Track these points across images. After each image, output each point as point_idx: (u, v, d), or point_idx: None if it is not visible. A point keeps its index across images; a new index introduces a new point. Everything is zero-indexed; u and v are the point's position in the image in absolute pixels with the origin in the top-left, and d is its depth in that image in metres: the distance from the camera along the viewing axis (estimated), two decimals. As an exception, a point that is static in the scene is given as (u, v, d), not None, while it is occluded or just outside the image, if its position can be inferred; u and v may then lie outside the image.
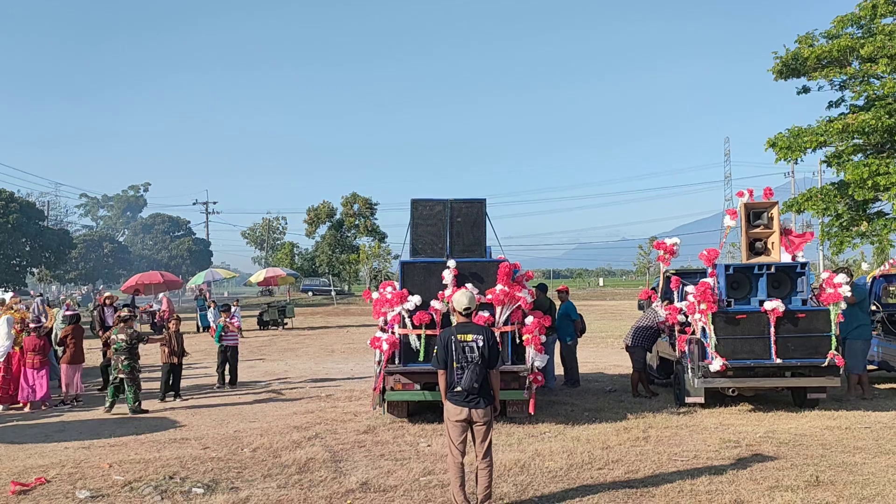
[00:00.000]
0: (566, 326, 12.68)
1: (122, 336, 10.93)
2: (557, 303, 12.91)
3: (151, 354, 15.71)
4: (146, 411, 10.93)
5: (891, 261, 13.11)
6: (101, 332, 13.90)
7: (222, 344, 13.37)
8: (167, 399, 11.90)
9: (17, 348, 11.65)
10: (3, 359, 11.40)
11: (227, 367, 13.55)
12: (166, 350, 12.09)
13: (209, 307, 26.02)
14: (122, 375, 10.82)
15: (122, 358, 10.83)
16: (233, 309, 25.25)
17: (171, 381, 12.10)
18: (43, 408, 11.47)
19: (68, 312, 12.91)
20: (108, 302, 14.85)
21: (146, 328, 25.20)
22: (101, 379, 13.18)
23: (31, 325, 11.81)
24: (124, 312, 11.69)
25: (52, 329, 13.30)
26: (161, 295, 27.94)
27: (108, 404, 10.98)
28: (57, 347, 12.86)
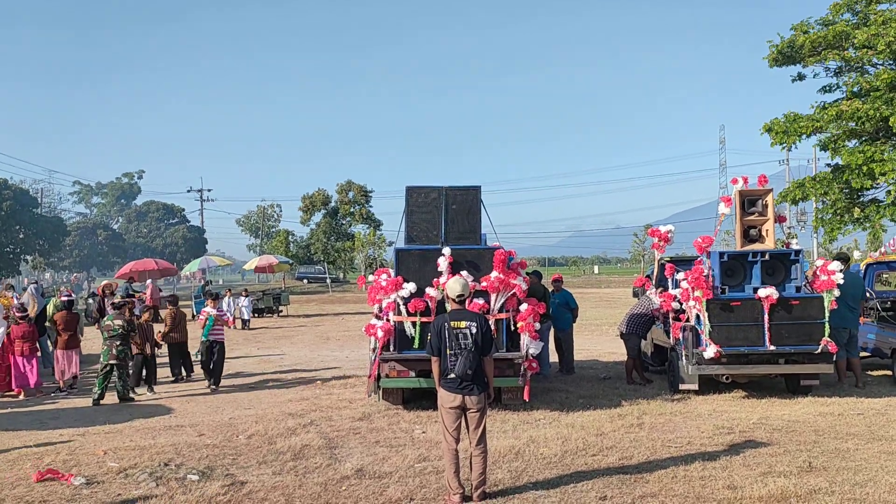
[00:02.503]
0: (564, 315, 12.69)
1: (118, 322, 10.86)
2: (551, 290, 12.89)
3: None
4: (133, 399, 10.93)
5: (882, 249, 13.12)
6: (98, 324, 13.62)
7: (209, 339, 11.80)
8: (138, 391, 11.57)
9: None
10: None
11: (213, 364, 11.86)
12: (136, 341, 11.84)
13: (224, 296, 24.66)
14: (113, 361, 10.68)
15: (117, 343, 10.78)
16: (242, 299, 24.43)
17: (142, 372, 11.92)
18: (38, 395, 11.45)
19: (64, 298, 12.85)
20: (107, 291, 14.38)
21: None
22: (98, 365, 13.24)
23: (17, 314, 11.72)
24: (118, 299, 11.62)
25: (44, 316, 13.22)
26: (148, 281, 27.60)
27: (96, 395, 10.62)
28: (48, 325, 12.79)
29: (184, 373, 12.97)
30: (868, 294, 12.31)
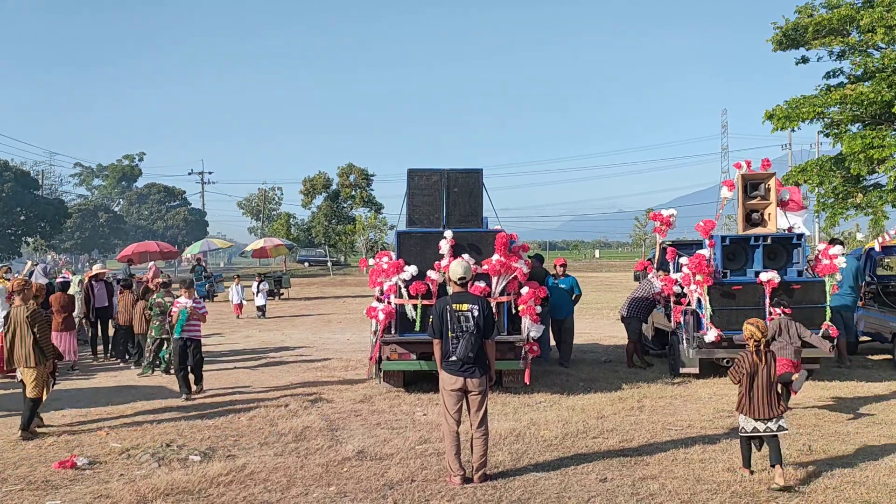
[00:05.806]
0: (568, 302, 12.01)
1: (168, 299, 11.60)
2: (553, 274, 12.81)
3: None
4: None
5: (890, 232, 13.07)
6: (85, 312, 13.05)
7: (182, 336, 9.91)
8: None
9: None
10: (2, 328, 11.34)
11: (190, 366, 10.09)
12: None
13: (234, 281, 23.56)
14: (165, 336, 11.43)
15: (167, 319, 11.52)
16: (255, 286, 23.57)
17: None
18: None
19: (59, 280, 12.78)
20: (97, 277, 13.49)
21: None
22: (90, 352, 13.33)
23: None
24: (162, 279, 12.39)
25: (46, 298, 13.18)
26: (151, 263, 27.42)
27: (162, 366, 11.55)
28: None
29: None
30: (869, 278, 12.27)
